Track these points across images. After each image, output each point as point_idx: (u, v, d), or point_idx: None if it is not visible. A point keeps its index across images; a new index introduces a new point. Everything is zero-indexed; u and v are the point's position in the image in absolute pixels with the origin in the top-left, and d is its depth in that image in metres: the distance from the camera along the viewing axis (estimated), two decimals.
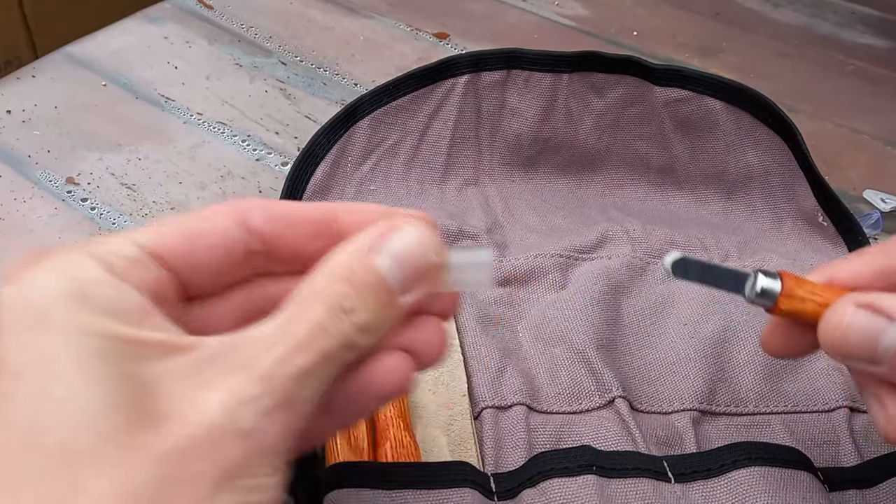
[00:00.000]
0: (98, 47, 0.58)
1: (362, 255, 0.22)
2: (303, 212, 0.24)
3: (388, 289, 0.22)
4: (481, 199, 0.47)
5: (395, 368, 0.24)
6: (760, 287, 0.27)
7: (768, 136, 0.46)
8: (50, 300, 0.20)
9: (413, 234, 0.23)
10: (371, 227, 0.23)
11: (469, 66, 0.46)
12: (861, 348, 0.25)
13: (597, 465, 0.33)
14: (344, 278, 0.21)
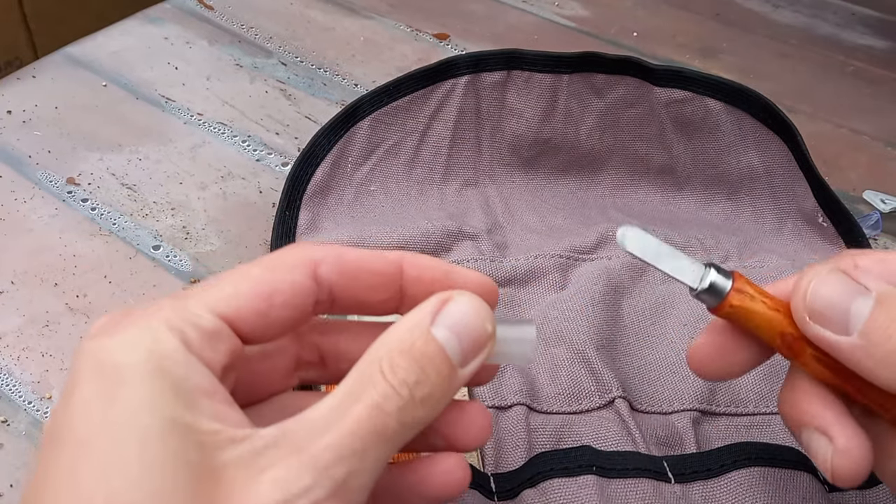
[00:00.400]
0: (98, 48, 0.58)
1: (421, 329, 0.22)
2: (371, 264, 0.24)
3: (448, 361, 0.22)
4: (481, 199, 0.47)
5: (450, 470, 0.24)
6: (709, 281, 0.25)
7: (768, 136, 0.46)
8: (126, 372, 0.20)
9: (469, 304, 0.22)
10: (427, 301, 0.23)
11: (469, 67, 0.46)
12: (833, 305, 0.23)
13: (597, 465, 0.33)
14: (403, 351, 0.21)
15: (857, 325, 0.23)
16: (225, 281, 0.23)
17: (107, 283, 0.42)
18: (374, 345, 0.22)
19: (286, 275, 0.23)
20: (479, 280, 0.25)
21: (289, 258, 0.24)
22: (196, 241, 0.45)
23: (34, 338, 0.40)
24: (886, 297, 0.23)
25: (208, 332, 0.22)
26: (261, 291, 0.23)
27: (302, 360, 0.26)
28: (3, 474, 0.35)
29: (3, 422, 0.37)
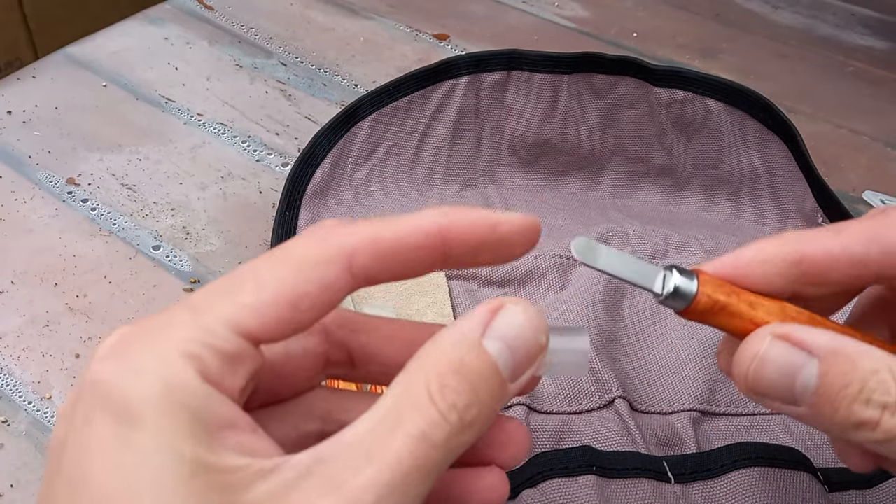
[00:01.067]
0: (98, 48, 0.58)
1: (472, 342, 0.20)
2: (410, 241, 0.21)
3: (500, 377, 0.20)
4: (481, 199, 0.47)
5: (493, 487, 0.22)
6: (673, 285, 0.23)
7: (768, 137, 0.46)
8: (139, 410, 0.18)
9: (523, 314, 0.20)
10: (477, 309, 0.20)
11: (469, 68, 0.46)
12: (776, 385, 0.22)
13: (597, 465, 0.33)
14: (453, 370, 0.19)
15: (803, 399, 0.22)
16: (245, 286, 0.20)
17: (107, 284, 0.42)
18: (419, 358, 0.20)
19: (316, 274, 0.20)
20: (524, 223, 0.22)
21: (317, 252, 0.20)
22: (196, 241, 0.45)
23: (34, 338, 0.40)
24: (832, 361, 0.21)
25: (228, 356, 0.19)
26: (287, 298, 0.20)
27: (330, 359, 0.24)
28: (3, 474, 0.35)
29: (4, 422, 0.37)
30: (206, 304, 0.20)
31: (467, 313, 0.20)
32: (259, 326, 0.20)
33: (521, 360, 0.20)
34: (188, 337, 0.19)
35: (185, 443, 0.18)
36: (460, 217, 0.21)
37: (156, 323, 0.20)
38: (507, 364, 0.20)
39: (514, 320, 0.20)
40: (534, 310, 0.21)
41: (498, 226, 0.21)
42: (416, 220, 0.21)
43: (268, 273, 0.20)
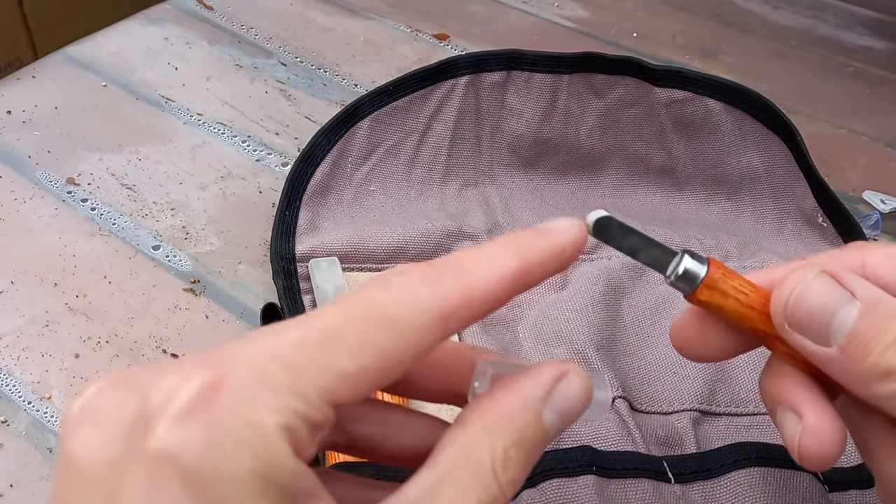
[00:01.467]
0: (98, 48, 0.58)
1: (534, 412, 0.20)
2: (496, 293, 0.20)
3: (546, 444, 0.20)
4: (481, 199, 0.47)
5: None
6: (683, 269, 0.23)
7: (768, 137, 0.46)
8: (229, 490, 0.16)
9: (581, 386, 0.21)
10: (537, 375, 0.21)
11: (469, 67, 0.46)
12: (814, 317, 0.22)
13: (597, 465, 0.33)
14: (515, 442, 0.19)
15: (837, 337, 0.22)
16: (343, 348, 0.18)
17: (107, 283, 0.42)
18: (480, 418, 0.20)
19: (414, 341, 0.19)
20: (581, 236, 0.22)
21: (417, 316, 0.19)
22: (196, 241, 0.45)
23: (34, 338, 0.40)
24: (872, 307, 0.21)
25: (317, 425, 0.18)
26: (384, 367, 0.18)
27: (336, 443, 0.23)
28: (3, 474, 0.35)
29: (3, 422, 0.37)
30: (302, 364, 0.18)
31: (533, 371, 0.21)
32: (350, 396, 0.18)
33: (564, 428, 0.21)
34: (285, 405, 0.17)
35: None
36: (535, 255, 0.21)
37: (246, 378, 0.17)
38: (554, 432, 0.21)
39: (573, 394, 0.21)
40: (588, 379, 0.21)
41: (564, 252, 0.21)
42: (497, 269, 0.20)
43: (366, 336, 0.18)
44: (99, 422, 0.18)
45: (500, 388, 0.20)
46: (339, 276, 0.40)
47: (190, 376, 0.17)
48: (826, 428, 0.23)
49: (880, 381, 0.21)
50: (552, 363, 0.21)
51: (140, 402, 0.18)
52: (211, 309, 0.42)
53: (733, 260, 0.44)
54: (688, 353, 0.25)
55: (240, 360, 0.18)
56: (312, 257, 0.42)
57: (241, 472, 0.16)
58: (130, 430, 0.17)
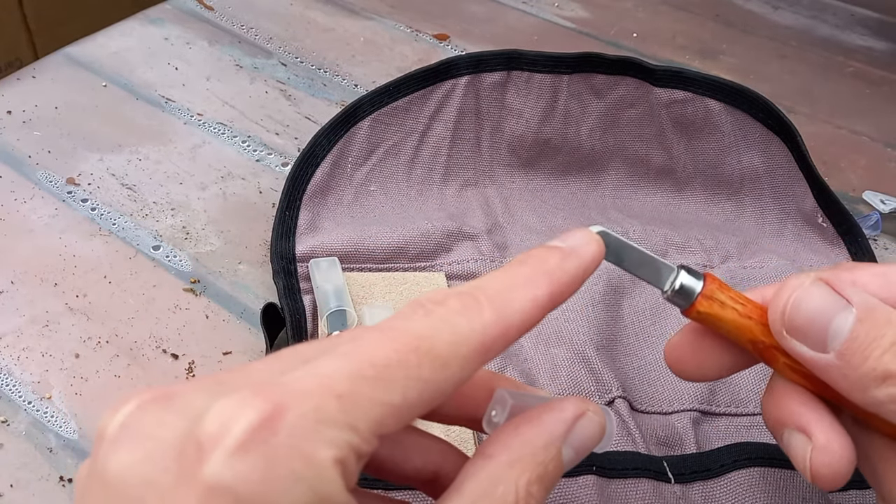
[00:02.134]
0: (98, 48, 0.58)
1: (555, 449, 0.21)
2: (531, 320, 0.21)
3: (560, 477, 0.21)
4: (481, 199, 0.47)
5: None
6: (680, 284, 0.24)
7: (768, 137, 0.46)
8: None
9: (598, 425, 0.22)
10: (559, 412, 0.22)
11: (469, 68, 0.46)
12: (812, 323, 0.22)
13: (597, 465, 0.33)
14: (539, 476, 0.20)
15: (835, 343, 0.22)
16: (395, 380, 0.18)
17: (107, 284, 0.42)
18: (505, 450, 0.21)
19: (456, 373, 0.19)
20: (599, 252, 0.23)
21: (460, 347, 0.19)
22: (196, 241, 0.45)
23: (34, 338, 0.40)
24: (868, 313, 0.22)
25: (363, 456, 0.18)
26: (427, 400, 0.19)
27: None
28: (3, 474, 0.35)
29: (3, 422, 0.37)
30: (356, 399, 0.18)
31: (555, 408, 0.22)
32: (395, 426, 0.19)
33: (578, 461, 0.22)
34: (340, 439, 0.17)
35: None
36: (565, 278, 0.21)
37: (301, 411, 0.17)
38: (570, 464, 0.22)
39: (590, 432, 0.22)
40: (604, 419, 0.22)
41: (588, 270, 0.22)
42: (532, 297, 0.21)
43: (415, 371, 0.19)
44: (143, 441, 0.18)
45: (523, 422, 0.21)
46: (339, 277, 0.40)
47: (246, 405, 0.17)
48: (836, 446, 0.23)
49: (878, 386, 0.21)
50: (573, 400, 0.22)
51: (189, 426, 0.17)
52: (211, 309, 0.42)
53: (733, 260, 0.44)
54: (682, 373, 0.26)
55: (295, 392, 0.17)
56: (312, 257, 0.42)
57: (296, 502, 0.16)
58: (180, 455, 0.17)
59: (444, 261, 0.43)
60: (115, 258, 0.44)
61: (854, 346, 0.21)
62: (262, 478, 0.16)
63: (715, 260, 0.44)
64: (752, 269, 0.43)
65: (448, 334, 0.19)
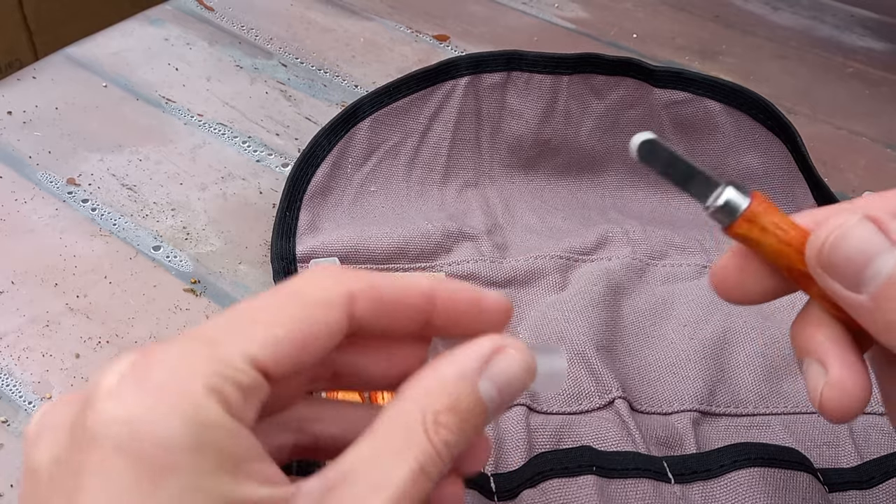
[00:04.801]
0: (99, 49, 0.58)
1: (469, 382, 0.21)
2: (406, 299, 0.22)
3: (486, 416, 0.21)
4: (481, 200, 0.47)
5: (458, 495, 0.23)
6: (725, 199, 0.23)
7: (768, 138, 0.46)
8: (167, 453, 0.18)
9: (520, 361, 0.22)
10: (475, 347, 0.22)
11: (469, 68, 0.46)
12: (849, 262, 0.21)
13: (597, 465, 0.33)
14: (450, 408, 0.20)
15: (870, 285, 0.21)
16: (257, 320, 0.20)
17: (107, 284, 0.42)
18: (416, 386, 0.21)
19: (322, 316, 0.21)
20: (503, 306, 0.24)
21: (323, 293, 0.21)
22: (196, 241, 0.45)
23: (34, 338, 0.40)
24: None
25: (247, 389, 0.19)
26: (297, 338, 0.20)
27: (317, 377, 0.25)
28: (3, 474, 0.35)
29: (4, 422, 0.37)
30: (222, 337, 0.20)
31: (470, 345, 0.22)
32: (272, 363, 0.20)
33: (507, 401, 0.22)
34: (210, 370, 0.19)
35: (215, 481, 0.18)
36: (451, 286, 0.23)
37: (171, 354, 0.19)
38: (494, 404, 0.21)
39: (511, 367, 0.22)
40: (529, 355, 0.22)
41: (481, 301, 0.23)
42: (412, 279, 0.23)
43: (279, 311, 0.21)
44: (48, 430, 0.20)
45: (440, 360, 0.21)
46: None
47: (121, 360, 0.19)
48: (849, 383, 0.22)
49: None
50: (492, 337, 0.22)
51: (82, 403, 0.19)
52: (211, 309, 0.42)
53: None
54: (726, 295, 0.25)
55: (164, 343, 0.20)
56: (313, 258, 0.42)
57: (177, 433, 0.18)
58: (73, 426, 0.19)
59: (444, 261, 0.43)
60: (116, 258, 0.44)
61: (888, 291, 0.21)
62: (139, 413, 0.18)
63: (715, 260, 0.44)
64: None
65: (313, 283, 0.22)
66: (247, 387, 0.19)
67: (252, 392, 0.20)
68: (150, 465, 0.17)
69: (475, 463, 0.24)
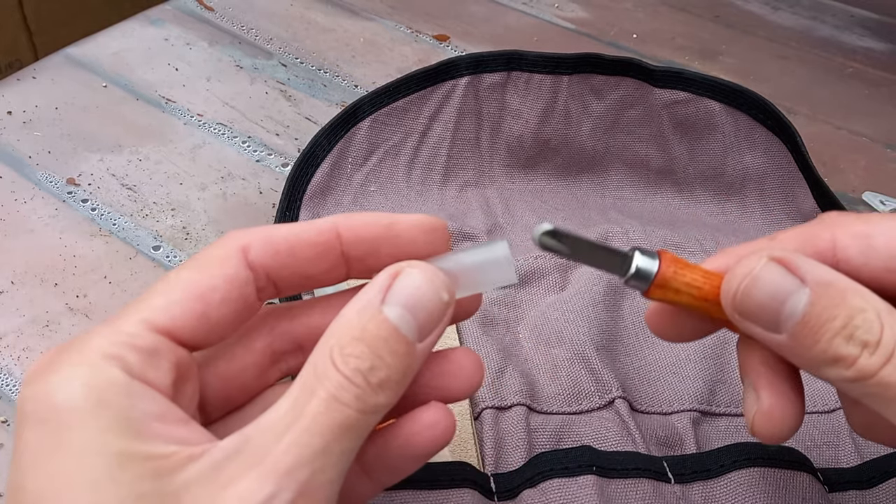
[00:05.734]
0: (99, 49, 0.58)
1: (372, 310, 0.21)
2: (304, 237, 0.23)
3: (404, 339, 0.21)
4: (481, 200, 0.47)
5: (434, 423, 0.23)
6: (635, 267, 0.24)
7: (768, 138, 0.46)
8: (66, 413, 0.19)
9: (420, 275, 0.21)
10: (375, 278, 0.21)
11: (469, 68, 0.46)
12: (763, 307, 0.22)
13: (597, 465, 0.33)
14: (355, 338, 0.20)
15: (788, 324, 0.22)
16: (155, 291, 0.22)
17: (107, 284, 0.42)
18: (327, 332, 0.21)
19: (216, 270, 0.22)
20: (423, 221, 0.23)
21: (217, 252, 0.22)
22: (196, 241, 0.45)
23: (34, 338, 0.40)
24: (822, 293, 0.21)
25: (147, 352, 0.20)
26: (194, 293, 0.21)
27: (276, 350, 0.25)
28: (4, 474, 0.35)
29: (4, 422, 0.37)
30: (121, 314, 0.21)
31: (370, 282, 0.21)
32: (171, 321, 0.21)
33: (424, 320, 0.21)
34: (106, 342, 0.20)
35: (113, 437, 0.19)
36: (355, 216, 0.23)
37: (75, 341, 0.21)
38: (411, 326, 0.21)
39: (413, 283, 0.21)
40: (433, 270, 0.22)
41: (394, 224, 0.23)
42: (312, 220, 0.23)
43: (174, 276, 0.22)
44: None
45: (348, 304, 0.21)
46: None
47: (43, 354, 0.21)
48: (777, 413, 0.24)
49: (830, 367, 0.21)
50: (392, 266, 0.22)
51: None
52: None
53: None
54: (663, 336, 0.26)
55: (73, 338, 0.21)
56: None
57: (74, 395, 0.19)
58: None
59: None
60: (116, 258, 0.44)
61: (805, 330, 0.21)
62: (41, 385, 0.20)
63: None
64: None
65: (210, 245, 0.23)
66: (146, 349, 0.21)
67: (154, 354, 0.21)
68: (53, 429, 0.19)
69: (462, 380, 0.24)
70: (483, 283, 0.23)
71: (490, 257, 0.23)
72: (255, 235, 0.23)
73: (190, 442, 0.20)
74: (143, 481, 0.19)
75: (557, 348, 0.38)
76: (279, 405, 0.20)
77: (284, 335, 0.25)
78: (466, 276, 0.23)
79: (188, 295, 0.21)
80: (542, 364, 0.38)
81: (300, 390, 0.20)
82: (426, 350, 0.22)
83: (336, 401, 0.20)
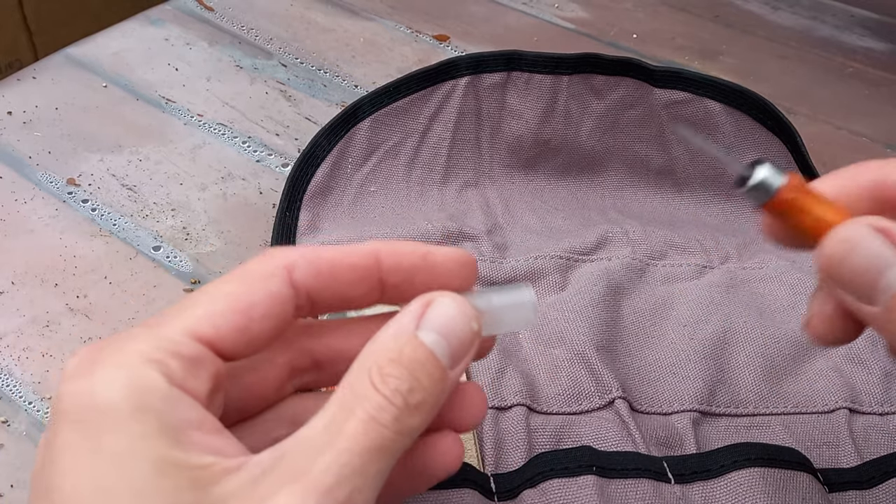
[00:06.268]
0: (99, 49, 0.58)
1: (407, 334, 0.22)
2: (347, 260, 0.23)
3: (439, 363, 0.22)
4: (481, 200, 0.47)
5: (447, 450, 0.24)
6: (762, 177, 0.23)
7: (768, 138, 0.46)
8: (107, 415, 0.19)
9: (452, 305, 0.22)
10: (410, 305, 0.22)
11: (469, 68, 0.46)
12: (861, 276, 0.21)
13: (597, 465, 0.33)
14: (393, 360, 0.21)
15: (883, 297, 0.21)
16: (198, 301, 0.22)
17: (107, 284, 0.42)
18: (362, 354, 0.21)
19: (261, 286, 0.22)
20: (457, 255, 0.24)
21: (261, 268, 0.23)
22: (196, 241, 0.45)
23: (34, 338, 0.40)
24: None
25: (189, 360, 0.21)
26: (237, 307, 0.22)
27: (295, 367, 0.25)
28: (4, 474, 0.35)
29: (4, 422, 0.37)
30: (162, 320, 0.22)
31: (404, 309, 0.22)
32: (214, 333, 0.21)
33: (456, 347, 0.22)
34: (149, 347, 0.20)
35: (155, 443, 0.19)
36: (395, 244, 0.24)
37: (115, 340, 0.21)
38: (445, 351, 0.22)
39: (445, 311, 0.22)
40: (463, 300, 0.23)
41: (429, 255, 0.24)
42: (354, 245, 0.24)
43: (218, 289, 0.22)
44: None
45: (380, 330, 0.22)
46: None
47: (79, 350, 0.21)
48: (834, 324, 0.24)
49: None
50: (424, 294, 0.23)
51: None
52: None
53: (733, 261, 0.44)
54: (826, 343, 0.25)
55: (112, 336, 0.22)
56: None
57: (116, 398, 0.19)
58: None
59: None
60: (116, 258, 0.44)
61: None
62: (82, 385, 0.20)
63: (715, 261, 0.44)
64: (752, 269, 0.43)
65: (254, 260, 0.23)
66: (188, 357, 0.21)
67: (196, 363, 0.21)
68: (93, 430, 0.19)
69: (469, 416, 0.24)
70: (506, 324, 0.24)
71: (518, 300, 0.24)
72: (300, 255, 0.23)
73: (225, 452, 0.20)
74: (183, 491, 0.19)
75: (557, 348, 0.38)
76: (314, 422, 0.20)
77: (305, 353, 0.25)
78: (492, 314, 0.24)
79: (231, 307, 0.22)
80: (542, 364, 0.38)
81: (338, 408, 0.20)
82: (456, 378, 0.22)
83: (374, 421, 0.20)
